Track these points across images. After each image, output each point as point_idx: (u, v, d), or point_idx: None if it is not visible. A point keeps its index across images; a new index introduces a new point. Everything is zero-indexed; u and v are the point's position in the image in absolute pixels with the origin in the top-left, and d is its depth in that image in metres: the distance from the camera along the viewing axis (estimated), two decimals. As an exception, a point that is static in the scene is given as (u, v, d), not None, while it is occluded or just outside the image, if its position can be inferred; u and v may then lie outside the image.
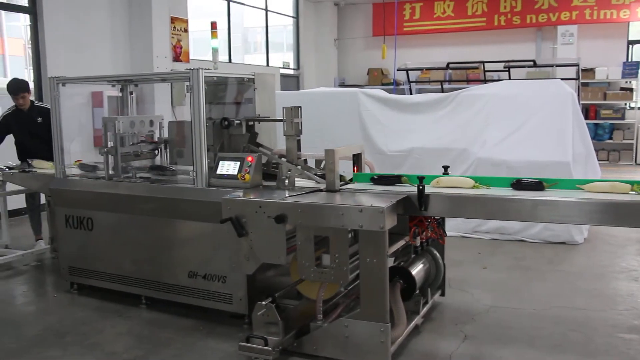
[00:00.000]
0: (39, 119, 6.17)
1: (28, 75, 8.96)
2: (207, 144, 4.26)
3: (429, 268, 4.24)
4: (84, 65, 8.89)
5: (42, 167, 5.78)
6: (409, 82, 12.80)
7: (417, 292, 4.00)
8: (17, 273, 5.85)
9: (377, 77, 16.12)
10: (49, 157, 5.91)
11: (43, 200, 6.47)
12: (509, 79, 11.06)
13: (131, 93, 5.45)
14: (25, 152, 6.24)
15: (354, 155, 4.22)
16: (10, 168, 5.92)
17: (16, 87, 6.13)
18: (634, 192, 3.34)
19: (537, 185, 3.53)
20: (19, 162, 6.12)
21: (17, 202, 7.07)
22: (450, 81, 14.31)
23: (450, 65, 12.42)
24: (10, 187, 6.24)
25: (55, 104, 5.00)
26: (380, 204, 3.31)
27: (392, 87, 14.19)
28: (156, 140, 5.10)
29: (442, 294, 4.56)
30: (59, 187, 5.04)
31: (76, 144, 5.43)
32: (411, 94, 12.95)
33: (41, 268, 6.02)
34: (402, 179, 3.86)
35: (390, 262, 3.91)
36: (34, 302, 5.04)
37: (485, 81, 11.55)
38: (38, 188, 5.77)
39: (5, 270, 5.91)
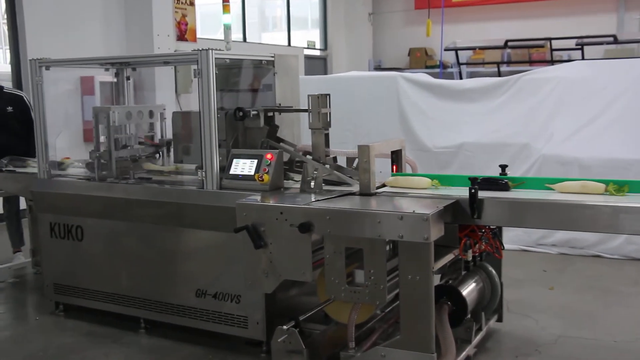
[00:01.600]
0: (9, 108, 6.32)
1: (3, 57, 9.17)
2: (219, 138, 4.36)
3: (483, 288, 4.28)
4: (71, 46, 9.05)
5: None
6: (459, 64, 12.82)
7: (469, 316, 4.04)
8: (-9, 291, 6.02)
9: (420, 59, 16.13)
10: (24, 153, 6.07)
11: (23, 205, 6.64)
12: (582, 58, 10.99)
13: (128, 78, 5.58)
14: None
15: (392, 152, 4.28)
16: None
17: None
18: (607, 193, 3.54)
19: (501, 185, 3.71)
20: None
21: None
22: (509, 62, 14.27)
23: (509, 44, 12.40)
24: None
25: (38, 91, 5.15)
26: (424, 210, 3.37)
27: (438, 70, 14.19)
28: (157, 142, 5.23)
29: (499, 320, 4.59)
30: (43, 189, 5.20)
31: (63, 139, 5.56)
32: (461, 78, 12.96)
33: (21, 285, 6.19)
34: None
35: (437, 279, 3.96)
36: (12, 326, 5.19)
37: (552, 62, 11.52)
38: (17, 191, 5.93)
39: (-22, 288, 6.08)
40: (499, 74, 12.21)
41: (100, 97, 7.55)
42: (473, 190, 3.54)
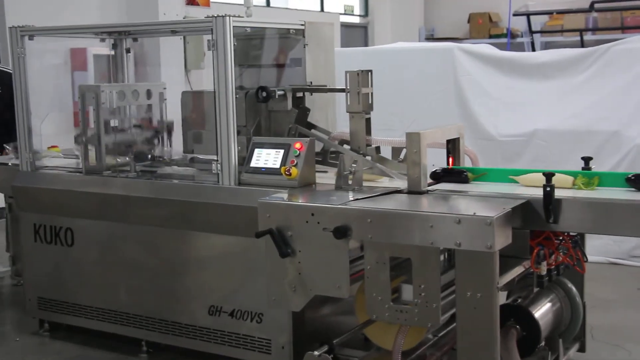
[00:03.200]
0: None
1: (-22, 23, 9.31)
2: (237, 124, 4.41)
3: (561, 309, 4.27)
4: (59, 11, 9.16)
5: None
6: (531, 32, 12.72)
7: (543, 344, 4.04)
8: (-36, 306, 6.17)
9: (482, 27, 16.03)
10: (9, 141, 6.18)
11: (2, 203, 6.77)
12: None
13: (127, 51, 5.66)
14: None
15: (448, 142, 4.29)
16: None
17: None
18: (575, 187, 3.73)
19: (461, 177, 3.95)
20: None
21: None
22: (595, 30, 14.10)
23: (596, 6, 12.25)
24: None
25: (19, 66, 5.25)
26: (487, 212, 3.37)
27: (505, 40, 14.09)
28: (156, 125, 5.30)
29: (582, 349, 4.56)
30: (26, 184, 5.31)
31: (50, 123, 5.66)
32: (534, 50, 12.84)
33: (-2, 299, 6.34)
34: None
35: (503, 298, 3.96)
36: (-12, 348, 5.31)
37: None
38: (-5, 185, 6.05)
39: (-54, 302, 6.23)
40: (582, 44, 12.09)
41: (95, 73, 7.64)
42: (548, 189, 3.54)
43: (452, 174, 4.08)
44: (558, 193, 3.56)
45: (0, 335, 5.59)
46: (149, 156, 5.23)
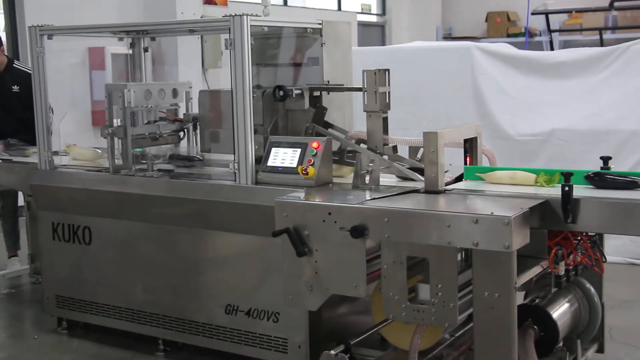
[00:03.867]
0: (15, 87, 6.51)
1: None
2: (254, 123, 4.43)
3: (579, 309, 4.25)
4: (77, 11, 9.23)
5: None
6: (550, 31, 12.66)
7: (561, 345, 4.02)
8: (-19, 304, 6.22)
9: (500, 26, 15.98)
10: (27, 141, 6.24)
11: (21, 201, 6.82)
12: None
13: (145, 50, 5.70)
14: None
15: (466, 141, 4.28)
16: None
17: None
18: (537, 184, 3.81)
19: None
20: None
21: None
22: (614, 28, 14.02)
23: (616, 4, 12.17)
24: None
25: (39, 65, 5.29)
26: (505, 212, 3.36)
27: (523, 39, 14.04)
28: (182, 117, 5.33)
29: (600, 350, 4.53)
30: (44, 182, 5.35)
31: (68, 122, 5.70)
32: (552, 49, 12.78)
33: (16, 298, 6.38)
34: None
35: (520, 298, 3.95)
36: (6, 346, 5.37)
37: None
38: (13, 184, 6.10)
39: (-35, 300, 6.28)
40: (602, 43, 12.02)
41: (112, 72, 7.69)
42: (567, 188, 3.52)
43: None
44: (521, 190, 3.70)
45: (18, 333, 5.63)
46: (176, 155, 5.27)
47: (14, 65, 6.62)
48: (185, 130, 5.33)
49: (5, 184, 6.21)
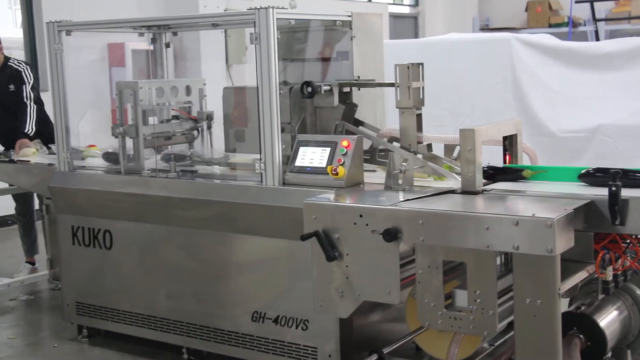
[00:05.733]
0: (11, 87, 6.59)
1: (13, 18, 9.46)
2: (281, 121, 4.43)
3: (629, 317, 4.18)
4: (96, 6, 9.33)
5: (26, 155, 6.11)
6: (595, 20, 12.54)
7: (609, 355, 3.97)
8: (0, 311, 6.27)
9: (541, 15, 15.86)
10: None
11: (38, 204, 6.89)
12: None
13: (167, 45, 5.74)
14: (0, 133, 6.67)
15: (505, 138, 4.25)
16: None
17: None
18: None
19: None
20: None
21: (3, 207, 7.56)
22: (666, 17, 13.85)
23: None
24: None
25: (57, 62, 5.33)
26: (547, 214, 3.33)
27: (566, 29, 13.93)
28: (195, 116, 5.35)
29: (650, 361, 4.49)
30: (63, 184, 5.39)
31: (87, 122, 5.74)
32: (598, 39, 12.66)
33: (35, 304, 6.45)
34: None
35: (565, 305, 3.91)
36: (25, 355, 5.40)
37: None
38: (31, 186, 6.17)
39: (-17, 306, 6.36)
40: (651, 33, 11.89)
41: (133, 68, 7.74)
42: (614, 189, 3.48)
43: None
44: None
45: (38, 341, 5.68)
46: (189, 155, 5.27)
47: (9, 63, 6.68)
48: (199, 129, 5.34)
49: (24, 186, 6.29)
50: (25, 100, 6.49)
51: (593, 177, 3.79)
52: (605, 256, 3.75)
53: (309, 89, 4.55)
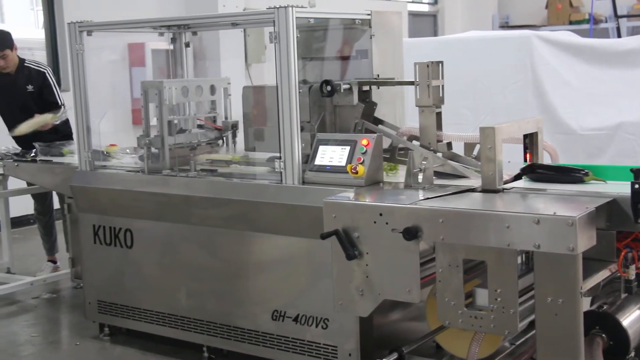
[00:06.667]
0: (30, 87, 6.63)
1: (35, 18, 9.52)
2: (301, 120, 4.43)
3: (651, 316, 4.17)
4: (116, 6, 9.39)
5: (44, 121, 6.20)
6: (617, 17, 12.45)
7: (632, 354, 3.93)
8: (22, 310, 6.34)
9: (562, 12, 15.78)
10: (50, 139, 6.34)
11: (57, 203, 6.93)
12: None
13: (187, 45, 5.76)
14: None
15: (525, 136, 4.22)
16: (16, 155, 6.36)
17: None
18: None
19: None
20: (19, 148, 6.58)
21: (25, 206, 7.61)
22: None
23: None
24: (13, 183, 6.73)
25: (78, 62, 5.37)
26: (568, 212, 3.31)
27: (587, 26, 13.84)
28: (220, 126, 5.36)
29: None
30: (84, 183, 5.42)
31: (108, 122, 5.77)
32: (620, 36, 12.59)
33: (57, 303, 6.50)
34: None
35: (587, 304, 3.89)
36: (47, 352, 5.45)
37: None
38: (54, 185, 6.21)
39: (6, 305, 6.42)
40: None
41: (152, 68, 7.78)
42: (637, 187, 3.45)
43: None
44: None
45: (60, 339, 5.74)
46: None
47: (25, 64, 6.71)
48: (224, 138, 5.35)
49: (46, 186, 6.33)
50: (62, 106, 6.60)
51: None
52: (627, 255, 3.72)
53: (329, 88, 4.55)
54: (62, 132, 6.59)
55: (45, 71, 6.71)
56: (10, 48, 6.54)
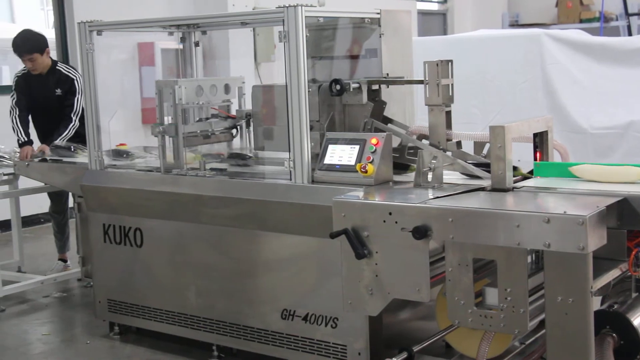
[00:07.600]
0: (58, 91, 6.63)
1: (45, 19, 9.55)
2: (310, 119, 4.43)
3: (661, 316, 4.15)
4: (126, 6, 9.42)
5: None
6: (627, 14, 12.40)
7: (642, 353, 3.94)
8: (33, 308, 6.35)
9: (572, 11, 15.73)
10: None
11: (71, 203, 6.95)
12: None
13: (196, 44, 5.77)
14: (40, 135, 6.74)
15: (535, 135, 4.21)
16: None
17: (18, 45, 6.50)
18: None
19: None
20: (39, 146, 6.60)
21: (36, 205, 7.63)
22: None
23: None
24: (24, 183, 6.75)
25: (88, 62, 5.37)
26: (579, 211, 3.30)
27: (597, 24, 13.79)
28: (234, 114, 5.35)
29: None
30: (94, 182, 5.43)
31: (118, 121, 5.78)
32: (630, 34, 12.54)
33: (68, 301, 6.51)
34: None
35: (597, 303, 3.88)
36: (58, 351, 5.46)
37: None
38: (65, 184, 6.22)
39: (17, 303, 6.43)
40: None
41: (162, 68, 7.77)
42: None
43: None
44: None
45: (70, 337, 5.73)
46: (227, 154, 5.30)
47: (57, 67, 6.71)
48: (238, 127, 5.34)
49: (57, 185, 6.34)
50: (72, 115, 6.54)
51: None
52: (638, 254, 3.71)
53: (338, 87, 4.55)
54: (83, 136, 6.58)
55: (75, 77, 6.64)
56: (40, 52, 6.50)
